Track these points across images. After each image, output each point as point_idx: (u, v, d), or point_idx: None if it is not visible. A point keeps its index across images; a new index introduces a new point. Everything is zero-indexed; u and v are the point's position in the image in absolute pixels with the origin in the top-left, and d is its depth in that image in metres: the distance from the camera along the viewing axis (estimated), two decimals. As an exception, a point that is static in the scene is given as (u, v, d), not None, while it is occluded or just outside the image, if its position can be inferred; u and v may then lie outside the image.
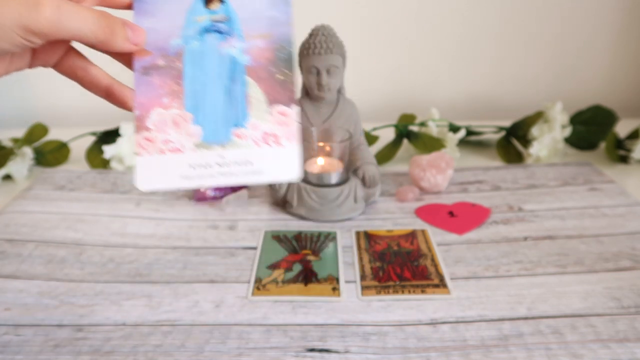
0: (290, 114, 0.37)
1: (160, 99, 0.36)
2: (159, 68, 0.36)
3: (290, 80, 0.37)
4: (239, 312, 0.46)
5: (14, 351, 0.42)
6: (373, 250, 0.56)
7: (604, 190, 0.68)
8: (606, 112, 0.82)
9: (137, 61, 0.36)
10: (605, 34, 1.00)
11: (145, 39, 0.35)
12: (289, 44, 0.37)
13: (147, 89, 0.36)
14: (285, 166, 0.36)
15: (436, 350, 0.42)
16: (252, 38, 0.37)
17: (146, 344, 0.43)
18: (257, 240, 0.58)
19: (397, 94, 1.03)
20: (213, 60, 0.37)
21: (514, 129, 0.82)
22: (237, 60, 0.37)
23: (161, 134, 0.36)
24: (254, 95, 0.37)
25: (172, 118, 0.36)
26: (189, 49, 0.37)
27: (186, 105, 0.37)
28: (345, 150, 0.63)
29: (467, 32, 1.00)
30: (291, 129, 0.36)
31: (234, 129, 0.37)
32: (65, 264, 0.53)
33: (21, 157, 0.75)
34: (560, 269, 0.52)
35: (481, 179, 0.72)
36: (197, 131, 0.36)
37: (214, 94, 0.37)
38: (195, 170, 0.36)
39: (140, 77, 0.36)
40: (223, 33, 0.37)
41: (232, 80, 0.37)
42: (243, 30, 0.37)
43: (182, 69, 0.37)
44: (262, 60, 0.37)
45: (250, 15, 0.37)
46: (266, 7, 0.37)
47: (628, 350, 0.41)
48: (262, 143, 0.36)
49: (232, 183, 0.36)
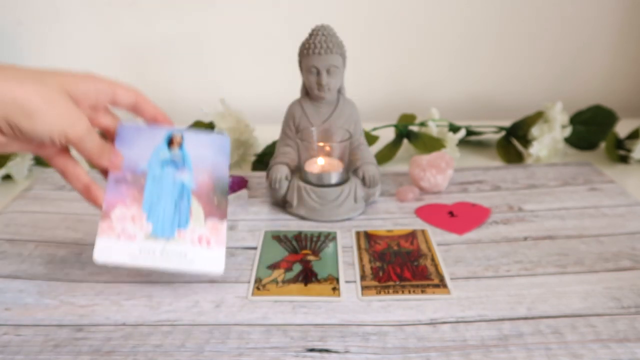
0: (221, 227, 0.48)
1: (124, 200, 0.47)
2: (127, 181, 0.48)
3: (224, 204, 0.49)
4: (239, 312, 0.46)
5: (14, 351, 0.42)
6: (373, 250, 0.56)
7: (604, 190, 0.68)
8: (606, 112, 0.82)
9: (111, 174, 0.47)
10: (605, 34, 1.00)
11: (121, 163, 0.46)
12: (224, 180, 0.50)
13: (115, 193, 0.47)
14: (212, 263, 0.47)
15: (436, 350, 0.42)
16: (199, 173, 0.50)
17: (146, 344, 0.43)
18: (257, 240, 0.58)
19: (397, 94, 1.04)
20: (168, 182, 0.49)
21: (514, 129, 0.82)
22: (186, 185, 0.49)
23: (120, 225, 0.46)
24: (195, 209, 0.48)
25: (131, 215, 0.47)
26: (151, 172, 0.49)
27: (143, 207, 0.47)
28: (345, 150, 0.63)
29: (467, 32, 1.00)
30: (220, 237, 0.48)
31: (178, 229, 0.47)
32: (65, 264, 0.53)
33: (21, 157, 0.75)
34: (560, 269, 0.52)
35: (481, 179, 0.72)
36: (149, 226, 0.47)
37: (166, 203, 0.48)
38: (142, 254, 0.45)
39: (112, 185, 0.47)
40: (178, 166, 0.50)
41: (180, 197, 0.49)
42: (193, 166, 0.50)
43: (144, 185, 0.48)
44: (204, 188, 0.49)
45: (199, 159, 0.50)
46: (211, 155, 0.51)
47: (628, 350, 0.41)
48: (197, 243, 0.47)
49: (168, 268, 0.46)
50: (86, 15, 0.97)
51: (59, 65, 1.04)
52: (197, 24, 0.98)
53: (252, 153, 0.81)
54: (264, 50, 1.00)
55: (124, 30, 0.98)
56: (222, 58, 1.01)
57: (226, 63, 1.01)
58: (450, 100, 1.03)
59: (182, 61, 1.01)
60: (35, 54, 0.99)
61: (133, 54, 1.00)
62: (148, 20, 0.98)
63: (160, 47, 0.99)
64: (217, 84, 1.01)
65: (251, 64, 1.01)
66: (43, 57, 1.00)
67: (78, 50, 0.99)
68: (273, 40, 0.99)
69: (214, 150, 0.51)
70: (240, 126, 0.78)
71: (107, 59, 1.00)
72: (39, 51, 0.99)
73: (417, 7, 0.98)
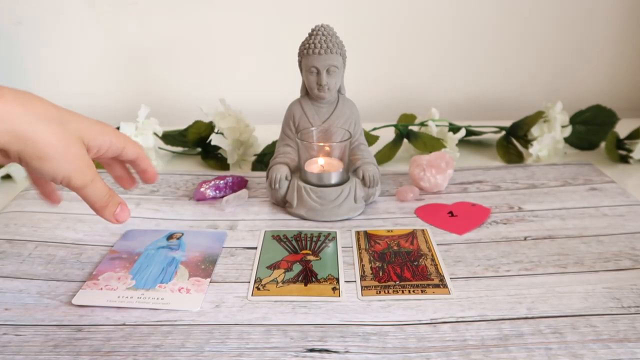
0: (204, 281, 0.50)
1: (114, 269, 0.52)
2: (122, 259, 0.54)
3: (211, 268, 0.52)
4: (238, 312, 0.46)
5: (14, 351, 0.42)
6: (373, 250, 0.56)
7: (604, 190, 0.68)
8: (606, 112, 0.82)
9: (108, 255, 0.54)
10: (605, 34, 1.00)
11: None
12: (215, 256, 0.54)
13: (108, 265, 0.53)
14: (189, 303, 0.47)
15: (436, 350, 0.42)
16: (191, 252, 0.55)
17: (146, 344, 0.43)
18: (257, 240, 0.58)
19: (397, 94, 1.03)
20: (160, 258, 0.54)
21: (514, 129, 0.82)
22: (177, 258, 0.54)
23: (105, 282, 0.50)
24: (181, 272, 0.52)
25: (118, 276, 0.51)
26: (146, 253, 0.55)
27: (131, 272, 0.52)
28: (345, 150, 0.63)
29: (467, 32, 1.00)
30: (202, 287, 0.49)
31: (160, 284, 0.50)
32: (65, 264, 0.53)
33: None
34: (560, 269, 0.52)
35: (481, 179, 0.72)
36: (132, 282, 0.50)
37: (153, 270, 0.52)
38: (119, 299, 0.48)
39: (107, 260, 0.53)
40: (173, 249, 0.56)
41: (169, 265, 0.53)
42: (186, 248, 0.56)
43: (136, 260, 0.53)
44: (193, 260, 0.54)
45: (194, 245, 0.56)
46: (207, 242, 0.57)
47: (628, 350, 0.41)
48: (176, 292, 0.49)
49: (144, 308, 0.47)
50: (86, 15, 0.97)
51: (59, 66, 1.04)
52: (197, 24, 0.98)
53: (252, 153, 0.81)
54: (264, 50, 1.00)
55: (124, 30, 0.98)
56: (221, 58, 1.01)
57: (226, 63, 1.01)
58: (450, 100, 1.03)
59: (182, 61, 1.01)
60: (35, 54, 0.99)
61: (133, 54, 1.00)
62: (148, 20, 0.98)
63: (160, 47, 0.99)
64: (217, 84, 1.01)
65: (251, 64, 1.01)
66: (43, 57, 1.00)
67: (78, 50, 0.99)
68: (273, 40, 0.99)
69: (211, 239, 0.57)
70: (240, 126, 0.78)
71: (107, 59, 1.00)
72: (39, 51, 0.99)
73: (417, 7, 0.98)
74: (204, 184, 0.66)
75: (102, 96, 1.02)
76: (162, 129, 0.81)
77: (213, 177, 0.69)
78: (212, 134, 0.80)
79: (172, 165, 0.81)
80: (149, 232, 0.58)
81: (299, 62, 0.65)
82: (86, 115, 0.44)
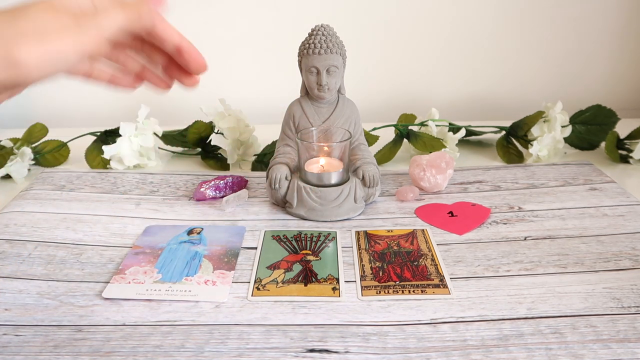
0: (228, 274, 0.52)
1: (140, 263, 0.53)
2: (145, 253, 0.55)
3: (234, 261, 0.54)
4: (238, 313, 0.46)
5: (14, 351, 0.42)
6: (373, 250, 0.56)
7: (604, 190, 0.68)
8: (606, 111, 0.82)
9: (131, 250, 0.55)
10: (605, 34, 1.00)
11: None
12: (237, 250, 0.56)
13: (133, 259, 0.54)
14: (216, 295, 0.49)
15: (436, 350, 0.42)
16: (213, 246, 0.56)
17: (146, 345, 0.43)
18: (257, 240, 0.58)
19: (397, 94, 1.03)
20: (183, 252, 0.55)
21: (514, 129, 0.82)
22: (199, 252, 0.55)
23: (132, 276, 0.51)
24: (205, 265, 0.53)
25: (144, 270, 0.52)
26: (168, 247, 0.56)
27: (156, 266, 0.53)
28: (345, 150, 0.63)
29: (467, 32, 1.00)
30: (227, 279, 0.51)
31: (185, 277, 0.51)
32: (65, 264, 0.53)
33: (21, 157, 0.75)
34: (560, 269, 0.52)
35: (481, 179, 0.72)
36: (158, 276, 0.51)
37: (178, 263, 0.53)
38: (148, 292, 0.49)
39: (131, 255, 0.55)
40: (194, 243, 0.57)
41: (192, 258, 0.54)
42: (207, 242, 0.57)
43: (160, 254, 0.55)
44: (216, 253, 0.55)
45: (215, 239, 0.58)
46: (226, 237, 0.58)
47: (628, 350, 0.41)
48: (203, 284, 0.50)
49: (172, 300, 0.48)
50: (86, 15, 0.97)
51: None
52: (197, 24, 0.98)
53: (252, 153, 0.81)
54: (264, 50, 1.00)
55: (124, 30, 0.98)
56: (222, 58, 1.01)
57: (226, 63, 1.01)
58: (450, 100, 1.03)
59: (182, 61, 1.00)
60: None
61: (133, 54, 1.00)
62: (148, 20, 0.97)
63: (160, 47, 0.99)
64: (217, 84, 1.01)
65: (251, 64, 1.01)
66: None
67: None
68: (273, 40, 0.99)
69: (230, 234, 0.59)
70: (240, 126, 0.78)
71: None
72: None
73: (417, 7, 0.98)
74: (204, 184, 0.66)
75: (102, 96, 1.02)
76: (162, 129, 0.81)
77: (213, 177, 0.69)
78: (212, 134, 0.80)
79: (172, 165, 0.81)
80: (168, 228, 0.60)
81: (298, 62, 0.65)
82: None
